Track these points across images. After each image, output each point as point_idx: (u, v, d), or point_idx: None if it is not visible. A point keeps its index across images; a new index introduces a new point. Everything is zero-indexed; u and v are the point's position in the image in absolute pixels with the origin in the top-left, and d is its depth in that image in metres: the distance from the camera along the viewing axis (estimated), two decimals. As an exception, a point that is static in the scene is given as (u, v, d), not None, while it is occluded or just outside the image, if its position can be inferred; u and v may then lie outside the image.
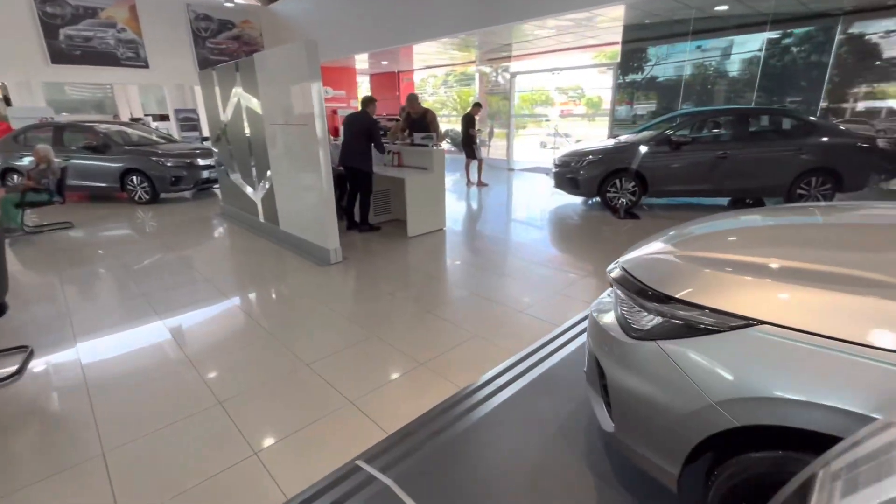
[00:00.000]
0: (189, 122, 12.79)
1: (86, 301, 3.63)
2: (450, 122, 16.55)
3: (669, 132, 6.05)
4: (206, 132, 11.93)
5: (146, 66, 11.25)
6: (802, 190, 5.83)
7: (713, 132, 6.39)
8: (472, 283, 3.85)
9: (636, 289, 1.46)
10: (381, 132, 5.61)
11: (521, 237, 5.29)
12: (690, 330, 1.23)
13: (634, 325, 1.43)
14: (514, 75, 11.14)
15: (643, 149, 5.86)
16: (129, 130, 8.43)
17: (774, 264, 1.29)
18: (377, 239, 5.21)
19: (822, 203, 2.28)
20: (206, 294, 3.69)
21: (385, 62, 14.39)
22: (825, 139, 5.73)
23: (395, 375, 2.46)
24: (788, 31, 7.77)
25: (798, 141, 5.79)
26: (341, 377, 2.45)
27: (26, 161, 7.03)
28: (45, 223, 5.97)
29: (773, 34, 7.85)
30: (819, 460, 0.86)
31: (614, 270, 1.71)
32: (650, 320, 1.37)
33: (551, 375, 2.39)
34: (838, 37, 7.33)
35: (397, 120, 11.94)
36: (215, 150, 6.49)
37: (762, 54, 8.01)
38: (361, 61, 14.23)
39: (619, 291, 1.61)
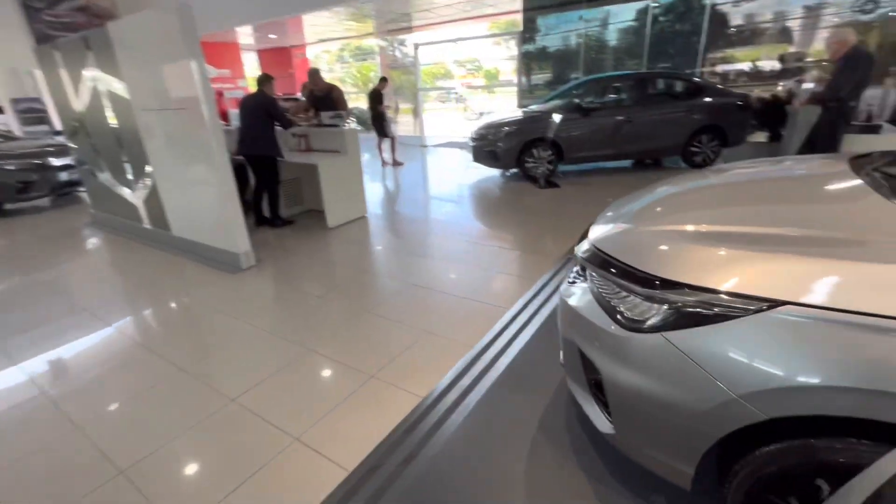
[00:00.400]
0: (33, 113, 10.60)
1: None
2: (352, 100, 15.66)
3: (578, 100, 6.16)
4: (58, 125, 9.94)
5: (-41, 45, 8.95)
6: (695, 147, 6.32)
7: (617, 97, 6.64)
8: (407, 272, 3.58)
9: (622, 272, 1.31)
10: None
11: (447, 216, 5.08)
12: (701, 318, 1.10)
13: (627, 315, 1.27)
14: (417, 46, 10.69)
15: (557, 117, 5.91)
16: (-54, 128, 6.67)
17: (786, 234, 1.19)
18: (293, 234, 4.67)
19: (767, 159, 2.31)
20: (85, 327, 2.97)
21: (273, 36, 13.08)
22: (711, 99, 6.23)
23: (343, 396, 2.13)
24: (670, -3, 8.31)
25: (689, 102, 6.22)
26: (278, 409, 2.07)
27: None
28: None
29: (660, 1, 8.34)
30: (893, 460, 0.76)
31: (584, 250, 1.56)
32: (647, 308, 1.22)
33: (516, 367, 2.23)
34: (709, 3, 8.00)
35: (296, 99, 10.95)
36: (73, 145, 5.34)
37: (649, 20, 8.50)
38: (246, 35, 12.78)
39: (595, 274, 1.45)
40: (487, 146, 6.27)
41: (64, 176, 6.32)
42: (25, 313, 3.23)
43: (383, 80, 8.07)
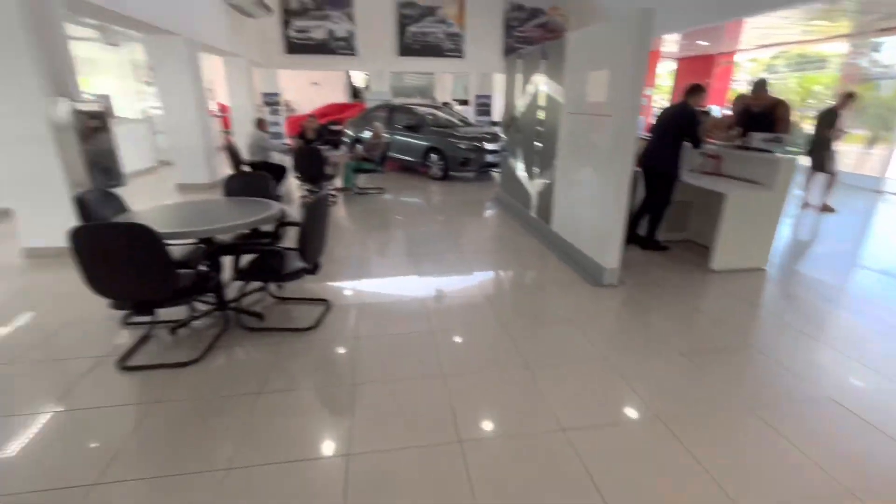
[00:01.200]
0: (484, 107, 13.91)
1: (380, 258, 4.04)
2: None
3: None
4: (496, 117, 12.69)
5: (461, 56, 12.61)
6: None
7: None
8: (825, 376, 2.46)
9: None
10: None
11: (912, 311, 3.28)
12: None
13: None
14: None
15: None
16: (437, 113, 9.56)
17: None
18: (664, 263, 4.14)
19: None
20: (465, 284, 3.57)
21: (704, 42, 12.05)
22: None
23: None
24: None
25: None
26: (606, 472, 1.76)
27: (366, 135, 8.79)
28: (368, 187, 7.31)
29: None
30: None
31: None
32: None
33: None
34: None
35: (706, 113, 9.83)
36: (503, 135, 6.54)
37: None
38: (670, 42, 12.32)
39: None
40: None
41: (489, 158, 7.96)
42: (438, 258, 4.18)
43: (849, 96, 5.98)
